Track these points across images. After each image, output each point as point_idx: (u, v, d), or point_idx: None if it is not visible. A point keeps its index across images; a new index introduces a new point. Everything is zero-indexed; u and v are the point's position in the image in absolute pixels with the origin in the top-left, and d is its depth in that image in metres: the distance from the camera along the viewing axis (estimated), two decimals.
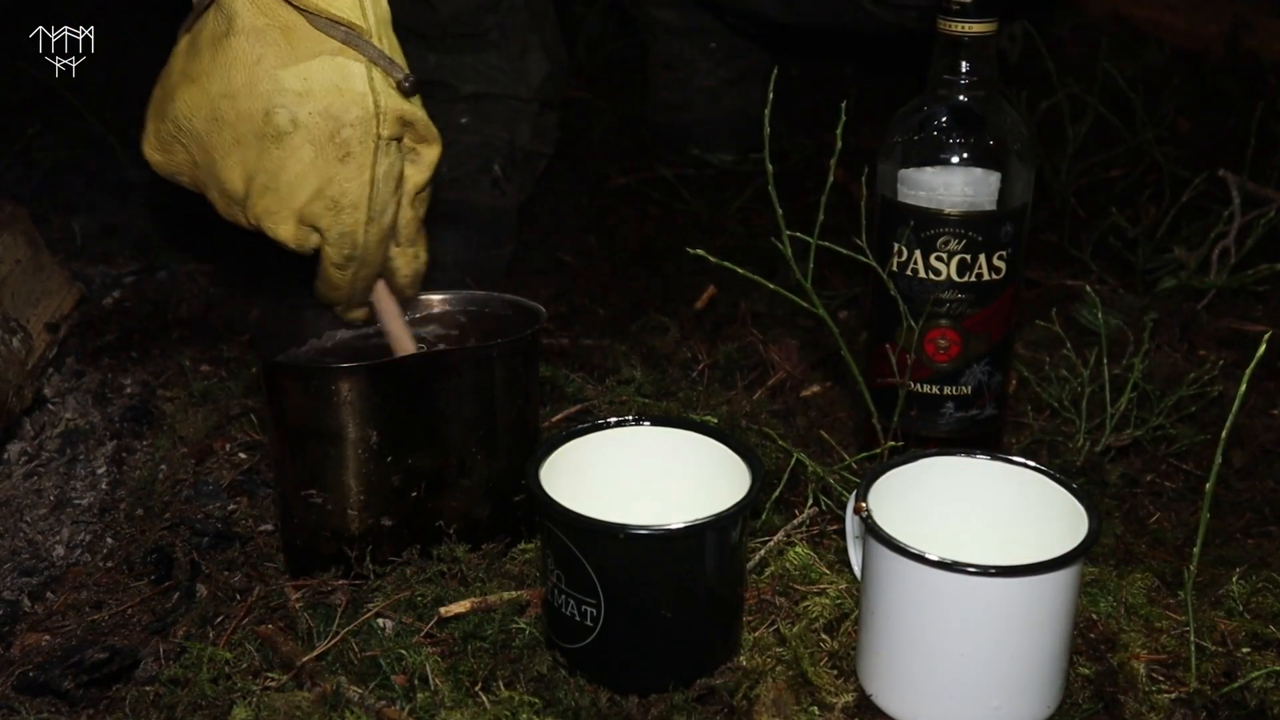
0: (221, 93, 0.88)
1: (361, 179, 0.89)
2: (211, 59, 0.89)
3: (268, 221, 0.91)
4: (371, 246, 0.93)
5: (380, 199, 0.91)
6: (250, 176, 0.90)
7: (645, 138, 1.95)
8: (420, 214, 0.97)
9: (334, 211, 0.90)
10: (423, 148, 0.94)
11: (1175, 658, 0.90)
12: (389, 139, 0.90)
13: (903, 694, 0.84)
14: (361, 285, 0.96)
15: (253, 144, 0.89)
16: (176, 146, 0.92)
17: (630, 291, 1.55)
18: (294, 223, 0.91)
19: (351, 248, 0.92)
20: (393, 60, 0.90)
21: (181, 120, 0.90)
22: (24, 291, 1.22)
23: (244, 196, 0.91)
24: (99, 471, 1.15)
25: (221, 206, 0.94)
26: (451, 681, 0.86)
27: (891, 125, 1.08)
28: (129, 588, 1.01)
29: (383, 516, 0.97)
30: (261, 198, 0.90)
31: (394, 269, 0.97)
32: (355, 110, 0.88)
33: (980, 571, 0.80)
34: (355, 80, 0.88)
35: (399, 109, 0.90)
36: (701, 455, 0.94)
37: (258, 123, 0.88)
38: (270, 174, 0.89)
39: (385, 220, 0.92)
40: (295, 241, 0.92)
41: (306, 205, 0.90)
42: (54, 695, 0.90)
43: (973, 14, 1.03)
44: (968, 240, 1.05)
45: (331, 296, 0.96)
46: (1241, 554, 1.05)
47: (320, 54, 0.88)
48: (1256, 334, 1.36)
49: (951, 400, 1.10)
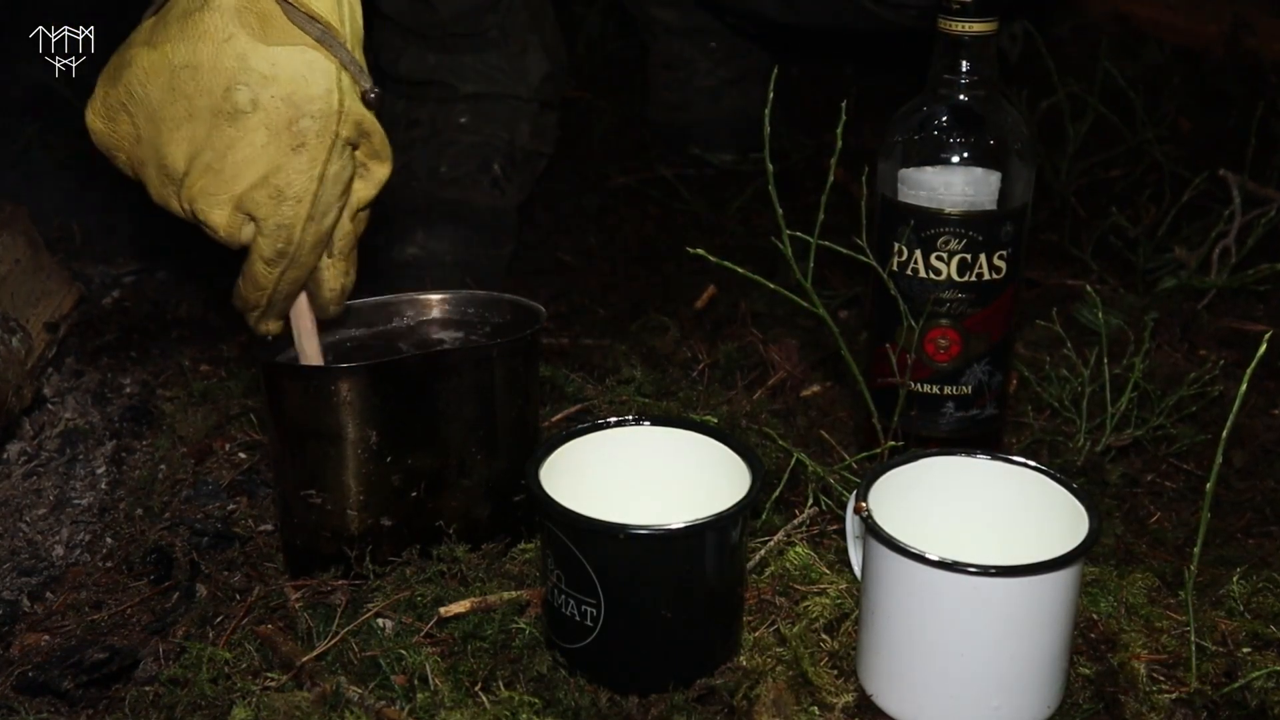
0: (184, 63, 0.86)
1: (311, 173, 0.87)
2: (180, 30, 0.86)
3: (202, 203, 0.88)
4: (306, 246, 0.89)
5: (325, 199, 0.88)
6: (195, 153, 0.87)
7: (645, 138, 1.95)
8: (359, 231, 0.94)
9: (276, 201, 0.87)
10: (374, 164, 0.92)
11: (1176, 658, 0.90)
12: (345, 141, 0.88)
13: (903, 694, 0.84)
14: (286, 289, 0.92)
15: (205, 119, 0.87)
16: (123, 116, 0.89)
17: (630, 291, 1.55)
18: (230, 208, 0.88)
19: (286, 243, 0.88)
20: (362, 69, 0.89)
21: (135, 86, 0.88)
22: (23, 291, 1.22)
23: (183, 174, 0.88)
24: (98, 471, 1.15)
25: (156, 187, 0.90)
26: (451, 681, 0.86)
27: (892, 125, 1.08)
28: (128, 588, 1.01)
29: (382, 516, 0.96)
30: (202, 176, 0.87)
31: (321, 280, 0.94)
32: (318, 103, 0.86)
33: (980, 571, 0.79)
34: (323, 76, 0.87)
35: (361, 115, 0.88)
36: (701, 455, 0.93)
37: (216, 98, 0.86)
38: (218, 153, 0.87)
39: (325, 223, 0.89)
40: (227, 229, 0.89)
41: (248, 191, 0.87)
42: (53, 695, 0.90)
43: (973, 13, 1.03)
44: (968, 240, 1.05)
45: (252, 298, 0.92)
46: (1242, 554, 1.05)
47: (293, 44, 0.86)
48: (1257, 334, 1.35)
49: (952, 400, 1.10)
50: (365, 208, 0.93)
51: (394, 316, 1.04)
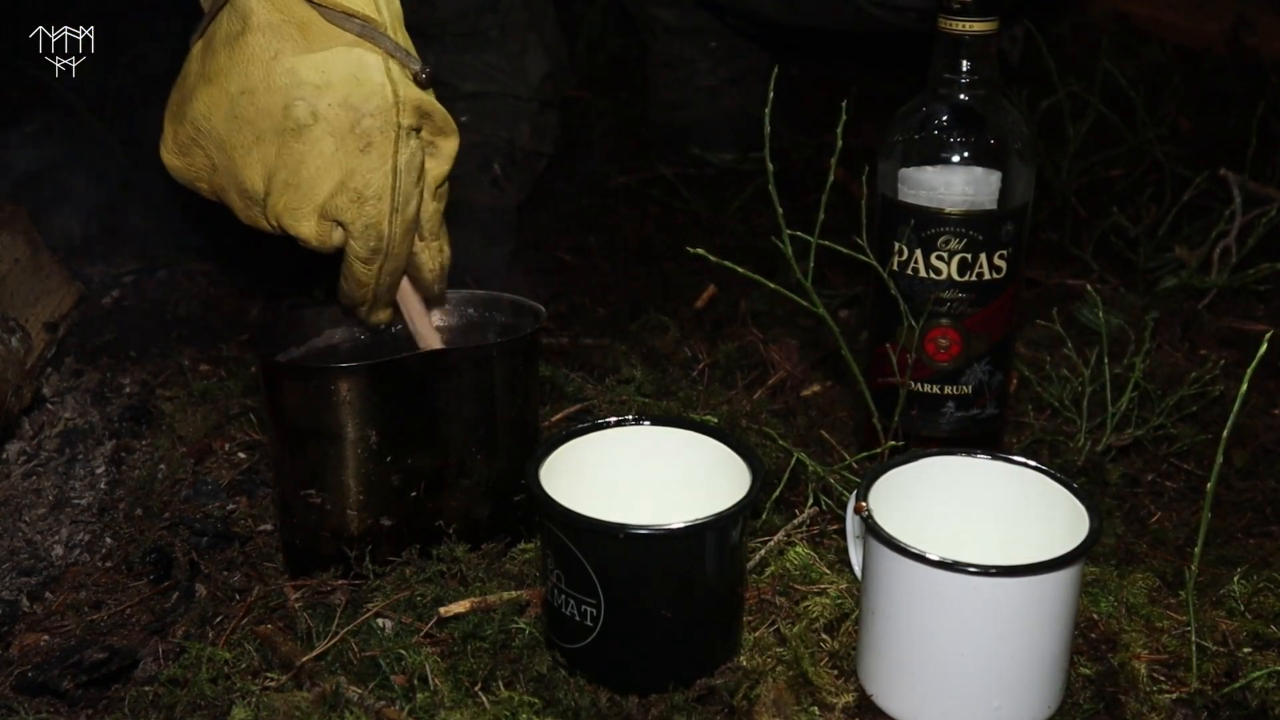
0: (240, 90, 0.88)
1: (384, 169, 0.89)
2: (228, 58, 0.88)
3: (289, 219, 0.90)
4: (397, 238, 0.91)
5: (404, 189, 0.90)
6: (270, 174, 0.89)
7: (645, 137, 1.95)
8: (441, 207, 0.95)
9: (358, 203, 0.89)
10: (441, 140, 0.93)
11: (1176, 658, 0.90)
12: (409, 129, 0.89)
13: (903, 694, 0.84)
14: (387, 282, 0.94)
15: (272, 140, 0.88)
16: (195, 150, 0.91)
17: (630, 291, 1.55)
18: (316, 219, 0.90)
19: (377, 240, 0.90)
20: (409, 52, 0.90)
21: (200, 121, 0.90)
22: (23, 291, 1.22)
23: (264, 195, 0.90)
24: (98, 471, 1.15)
25: (241, 210, 0.92)
26: (451, 681, 0.86)
27: (892, 124, 1.08)
28: (128, 588, 1.01)
29: (382, 516, 0.96)
30: (283, 195, 0.89)
31: (419, 264, 0.96)
32: (375, 100, 0.88)
33: (981, 571, 0.79)
34: (373, 71, 0.88)
35: (417, 99, 0.90)
36: (701, 455, 0.93)
37: (277, 117, 0.88)
38: (291, 169, 0.88)
39: (410, 211, 0.91)
40: (318, 238, 0.91)
41: (329, 199, 0.89)
42: (53, 695, 0.90)
43: (973, 13, 1.02)
44: (968, 239, 1.05)
45: (357, 295, 0.95)
46: (1243, 554, 1.05)
47: (337, 46, 0.87)
48: (1258, 333, 1.36)
49: (952, 400, 1.10)
50: (443, 183, 0.95)
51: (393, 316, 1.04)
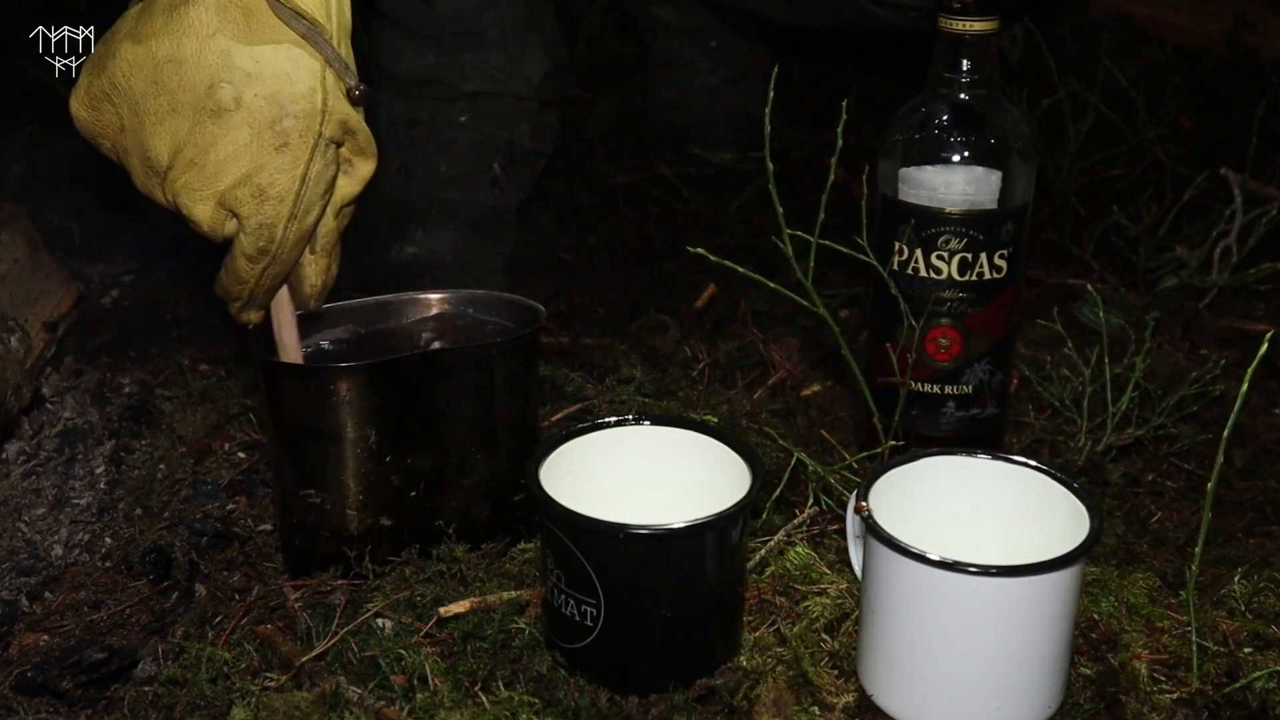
0: (168, 57, 0.86)
1: (294, 173, 0.87)
2: (164, 23, 0.86)
3: (185, 198, 0.88)
4: (288, 245, 0.89)
5: (308, 198, 0.88)
6: (178, 149, 0.87)
7: (645, 137, 1.95)
8: (341, 227, 0.94)
9: (258, 200, 0.87)
10: (359, 160, 0.92)
11: (1177, 658, 0.89)
12: (329, 140, 0.88)
13: (903, 694, 0.84)
14: (267, 284, 0.92)
15: (188, 115, 0.87)
16: (106, 106, 0.89)
17: (630, 290, 1.55)
18: (213, 204, 0.88)
19: (268, 241, 0.89)
20: (348, 66, 0.89)
21: (119, 78, 0.88)
22: (22, 290, 1.22)
23: (166, 169, 0.88)
24: (97, 471, 1.15)
25: (140, 177, 0.90)
26: (451, 681, 0.86)
27: (892, 124, 1.08)
28: (127, 587, 1.01)
29: (382, 516, 0.96)
30: (185, 172, 0.87)
31: (302, 276, 0.94)
32: (302, 103, 0.86)
33: (981, 571, 0.79)
34: (307, 74, 0.86)
35: (345, 114, 0.88)
36: (702, 455, 0.93)
37: (199, 94, 0.86)
38: (200, 149, 0.87)
39: (308, 221, 0.89)
40: (210, 224, 0.89)
41: (231, 189, 0.87)
42: (52, 695, 0.90)
43: (974, 12, 1.02)
44: (969, 239, 1.05)
45: (233, 291, 0.93)
46: (1243, 554, 1.05)
47: (278, 42, 0.86)
48: (1258, 333, 1.35)
49: (952, 399, 1.10)
50: (349, 204, 0.93)
51: (393, 316, 1.04)
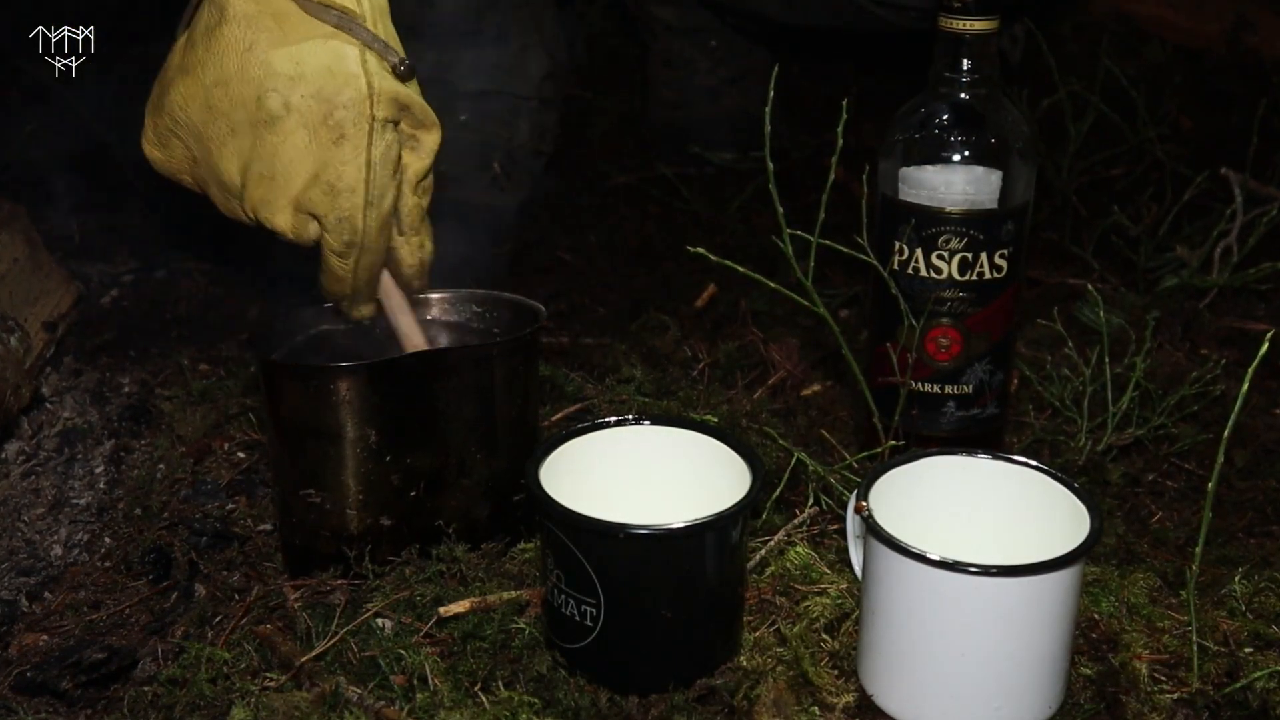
0: (215, 81, 0.88)
1: (357, 161, 0.88)
2: (205, 49, 0.88)
3: (264, 211, 0.90)
4: (372, 232, 0.91)
5: (378, 182, 0.89)
6: (246, 166, 0.89)
7: (645, 136, 1.95)
8: (424, 202, 0.95)
9: (331, 196, 0.88)
10: (422, 133, 0.93)
11: (1177, 658, 0.89)
12: (384, 121, 0.89)
13: (904, 694, 0.84)
14: (365, 275, 0.94)
15: (247, 131, 0.88)
16: (174, 141, 0.91)
17: (630, 290, 1.55)
18: (291, 211, 0.89)
19: (351, 234, 0.90)
20: (387, 44, 0.89)
21: (177, 113, 0.90)
22: (22, 290, 1.22)
23: (241, 188, 0.90)
24: (97, 471, 1.15)
25: (221, 202, 0.93)
26: (451, 681, 0.86)
27: (892, 123, 1.08)
28: (127, 587, 1.01)
29: (382, 516, 0.96)
30: (258, 187, 0.89)
31: (398, 259, 0.96)
32: (348, 92, 0.87)
33: (982, 571, 0.79)
34: (348, 62, 0.87)
35: (393, 91, 0.89)
36: (702, 455, 0.93)
37: (250, 109, 0.87)
38: (265, 161, 0.88)
39: (385, 205, 0.90)
40: (293, 231, 0.90)
41: (303, 192, 0.88)
42: (52, 695, 0.89)
43: (974, 11, 1.02)
44: (969, 239, 1.05)
45: (336, 289, 0.94)
46: (1244, 553, 1.05)
47: (312, 38, 0.87)
48: (1259, 333, 1.35)
49: (953, 399, 1.10)
50: (426, 176, 0.94)
51: None
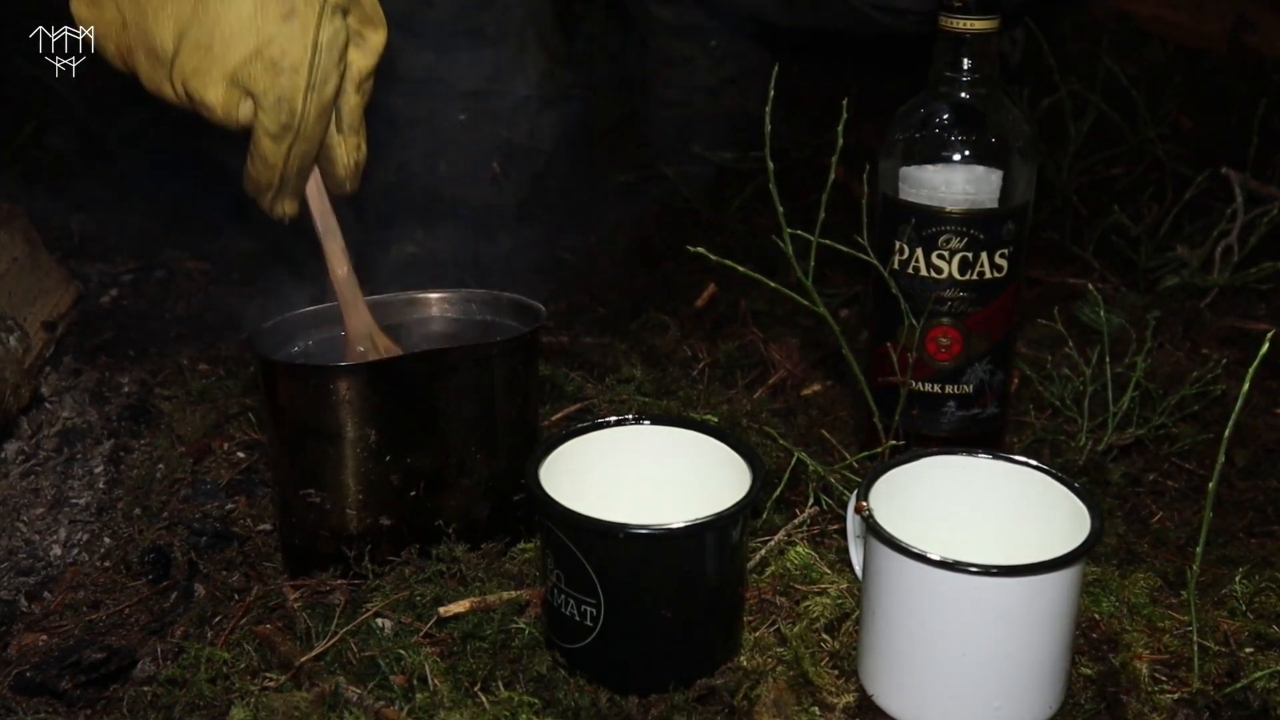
0: None
1: (305, 40, 0.85)
2: None
3: (196, 83, 0.86)
4: (311, 117, 0.88)
5: (323, 66, 0.86)
6: (182, 32, 0.85)
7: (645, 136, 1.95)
8: (364, 102, 0.92)
9: (272, 73, 0.85)
10: (369, 31, 0.91)
11: (1178, 658, 0.89)
12: (335, 6, 0.86)
13: (904, 694, 0.84)
14: (296, 164, 0.90)
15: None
16: (107, 2, 0.88)
17: (630, 290, 1.55)
18: (225, 85, 0.86)
19: (289, 116, 0.87)
20: None
21: None
22: (21, 290, 1.22)
23: (172, 55, 0.86)
24: (96, 470, 1.14)
25: (148, 73, 0.88)
26: (451, 682, 0.86)
27: (893, 123, 1.08)
28: (126, 587, 1.01)
29: (382, 516, 0.96)
30: (192, 55, 0.85)
31: (334, 158, 0.93)
32: None
33: (982, 571, 0.79)
34: None
35: None
36: (702, 454, 0.93)
37: None
38: (204, 28, 0.85)
39: (326, 92, 0.87)
40: (224, 107, 0.87)
41: (242, 65, 0.85)
42: (51, 695, 0.89)
43: (974, 11, 1.02)
44: (969, 238, 1.05)
45: (263, 177, 0.90)
46: (1244, 553, 1.05)
47: None
48: (1259, 332, 1.35)
49: (953, 399, 1.10)
50: (368, 77, 0.92)
51: (393, 315, 1.04)
